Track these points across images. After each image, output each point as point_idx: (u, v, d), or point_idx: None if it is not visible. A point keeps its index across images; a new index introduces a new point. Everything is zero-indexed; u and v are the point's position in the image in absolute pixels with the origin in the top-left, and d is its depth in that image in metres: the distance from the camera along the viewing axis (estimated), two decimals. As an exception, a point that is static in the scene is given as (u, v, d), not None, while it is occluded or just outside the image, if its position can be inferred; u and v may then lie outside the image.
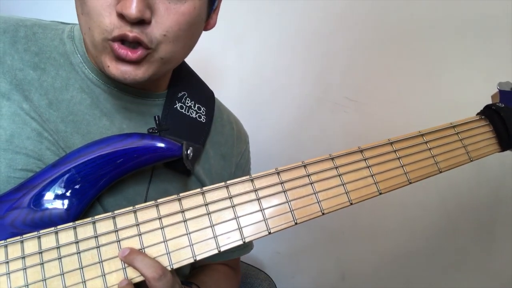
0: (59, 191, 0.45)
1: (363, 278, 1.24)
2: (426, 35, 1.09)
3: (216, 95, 0.70)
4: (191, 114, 0.59)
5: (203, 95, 0.63)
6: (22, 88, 0.48)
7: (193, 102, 0.60)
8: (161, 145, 0.49)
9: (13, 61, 0.49)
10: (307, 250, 1.28)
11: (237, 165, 0.69)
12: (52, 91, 0.50)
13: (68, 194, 0.45)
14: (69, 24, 0.56)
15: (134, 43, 0.44)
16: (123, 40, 0.44)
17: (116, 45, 0.44)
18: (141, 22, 0.43)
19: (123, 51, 0.44)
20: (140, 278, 0.42)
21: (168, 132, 0.55)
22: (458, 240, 1.14)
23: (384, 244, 1.21)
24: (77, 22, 0.49)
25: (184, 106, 0.58)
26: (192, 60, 0.62)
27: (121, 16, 0.43)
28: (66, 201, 0.45)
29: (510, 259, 1.08)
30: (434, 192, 1.13)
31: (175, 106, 0.57)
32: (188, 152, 0.51)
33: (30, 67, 0.50)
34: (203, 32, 0.54)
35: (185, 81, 0.61)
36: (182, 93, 0.59)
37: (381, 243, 1.21)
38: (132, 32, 0.43)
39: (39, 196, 0.45)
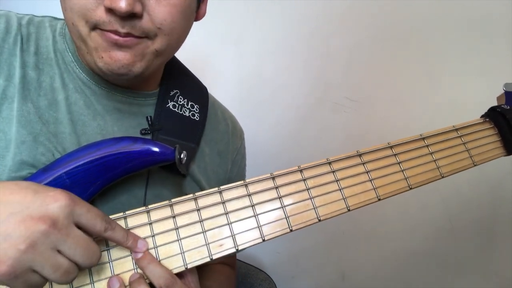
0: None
1: (363, 278, 1.24)
2: (426, 35, 1.08)
3: (215, 95, 0.68)
4: (185, 113, 0.57)
5: (196, 92, 0.61)
6: (23, 88, 0.47)
7: (186, 100, 0.58)
8: (154, 149, 0.47)
9: (16, 62, 0.48)
10: (307, 250, 1.27)
11: (233, 161, 0.67)
12: (51, 92, 0.49)
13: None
14: (61, 19, 0.54)
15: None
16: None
17: (106, 33, 0.43)
18: (132, 16, 0.42)
19: (115, 36, 0.43)
20: None
21: (161, 132, 0.53)
22: (458, 240, 1.13)
23: (384, 244, 1.20)
24: None
25: (177, 105, 0.57)
26: (192, 60, 0.60)
27: (110, 11, 0.41)
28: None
29: (510, 259, 1.07)
30: (435, 192, 1.12)
31: (167, 105, 0.55)
32: (182, 156, 0.49)
33: (29, 68, 0.49)
34: (203, 33, 0.53)
35: (177, 79, 0.59)
36: (175, 91, 0.57)
37: (381, 243, 1.20)
38: (123, 28, 0.42)
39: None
